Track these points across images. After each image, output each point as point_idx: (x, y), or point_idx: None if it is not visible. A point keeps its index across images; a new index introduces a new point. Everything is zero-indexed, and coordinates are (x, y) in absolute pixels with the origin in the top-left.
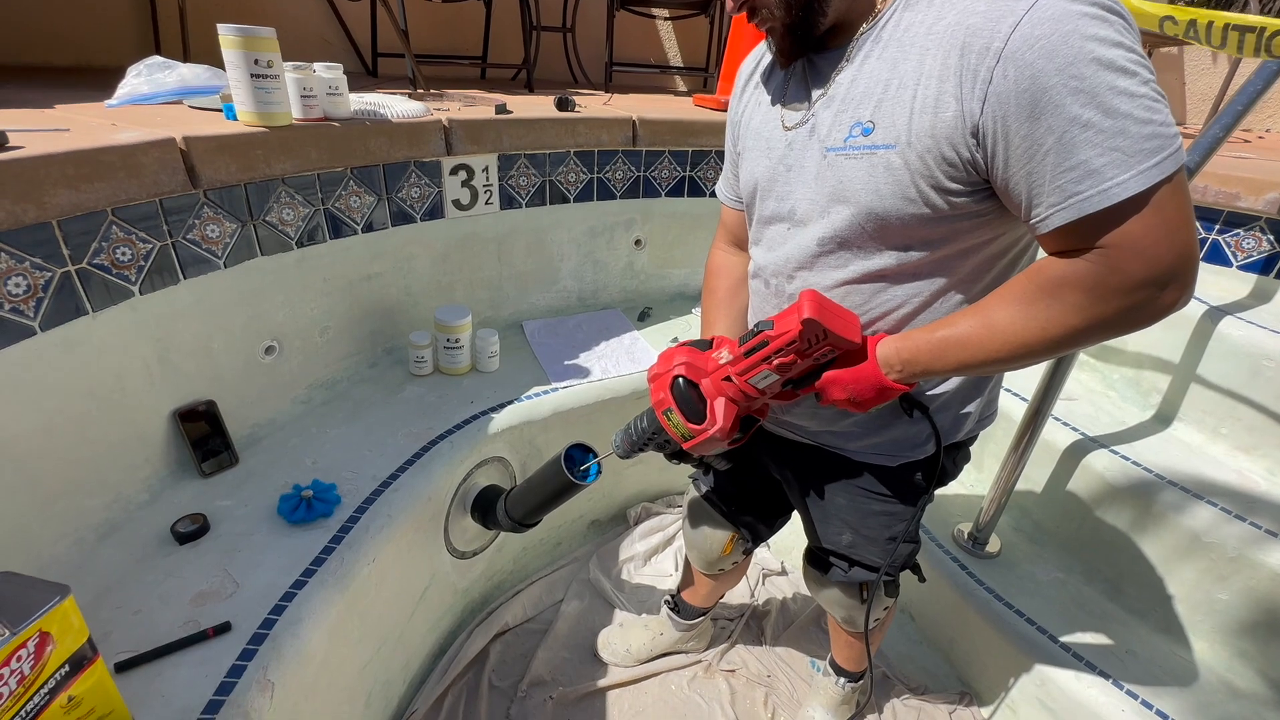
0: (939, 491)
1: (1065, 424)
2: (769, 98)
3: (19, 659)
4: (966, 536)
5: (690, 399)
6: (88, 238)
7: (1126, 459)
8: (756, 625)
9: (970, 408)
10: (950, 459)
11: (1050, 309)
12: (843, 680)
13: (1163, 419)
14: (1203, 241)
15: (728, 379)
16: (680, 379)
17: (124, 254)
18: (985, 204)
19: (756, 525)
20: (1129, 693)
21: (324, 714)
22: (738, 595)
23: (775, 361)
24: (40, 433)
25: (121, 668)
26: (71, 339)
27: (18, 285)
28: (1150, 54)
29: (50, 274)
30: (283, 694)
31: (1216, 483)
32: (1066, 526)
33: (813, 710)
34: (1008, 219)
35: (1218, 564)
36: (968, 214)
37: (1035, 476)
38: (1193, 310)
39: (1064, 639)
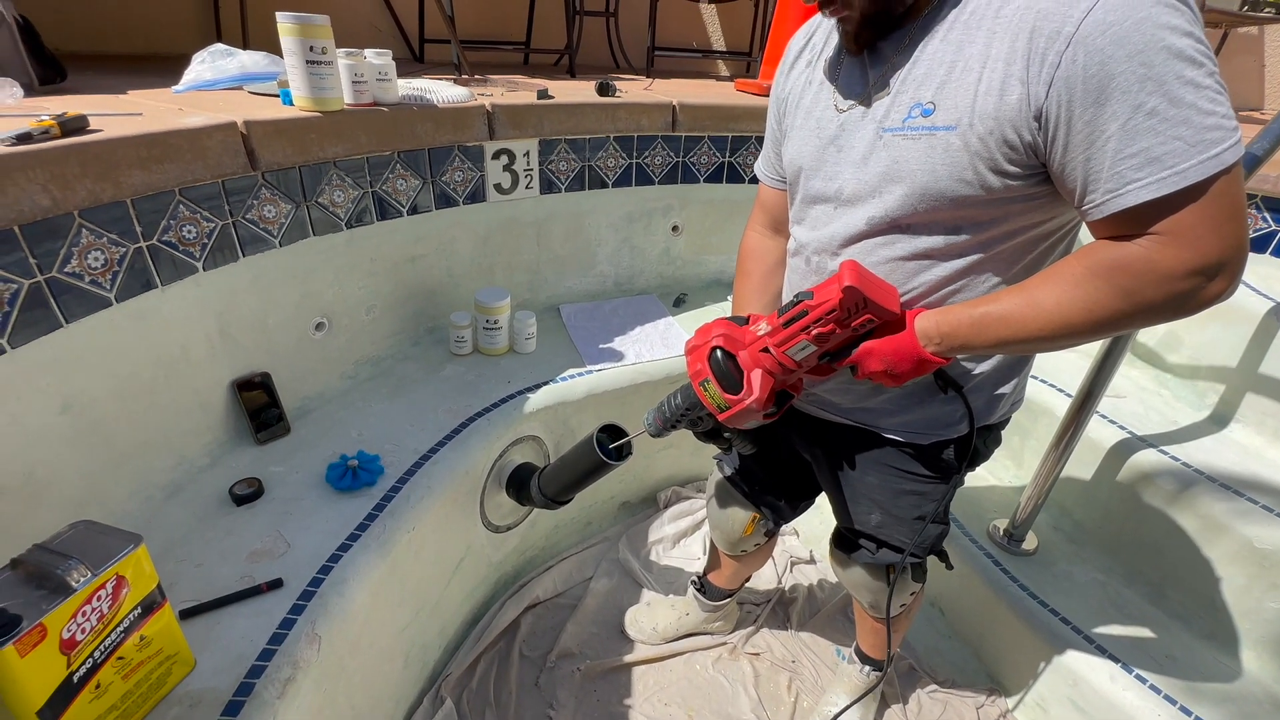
0: (974, 485)
1: (1112, 421)
2: (820, 76)
3: (99, 598)
4: (1002, 533)
5: (727, 370)
6: (157, 216)
7: (1176, 460)
8: (783, 611)
9: (1005, 389)
10: (982, 440)
11: (1099, 291)
12: (868, 668)
13: (1219, 420)
14: (1271, 235)
15: (765, 350)
16: (718, 350)
17: (190, 232)
18: (1039, 188)
19: (779, 507)
20: (1167, 697)
21: (366, 670)
22: (765, 581)
23: (814, 331)
24: (114, 397)
25: (185, 615)
26: (143, 310)
27: (96, 259)
28: (1227, 35)
29: (125, 249)
30: (329, 647)
31: (1275, 487)
32: (1108, 527)
33: (836, 696)
34: (1057, 203)
35: (1270, 571)
36: (1020, 197)
37: (1077, 474)
38: (1257, 306)
39: (1100, 640)
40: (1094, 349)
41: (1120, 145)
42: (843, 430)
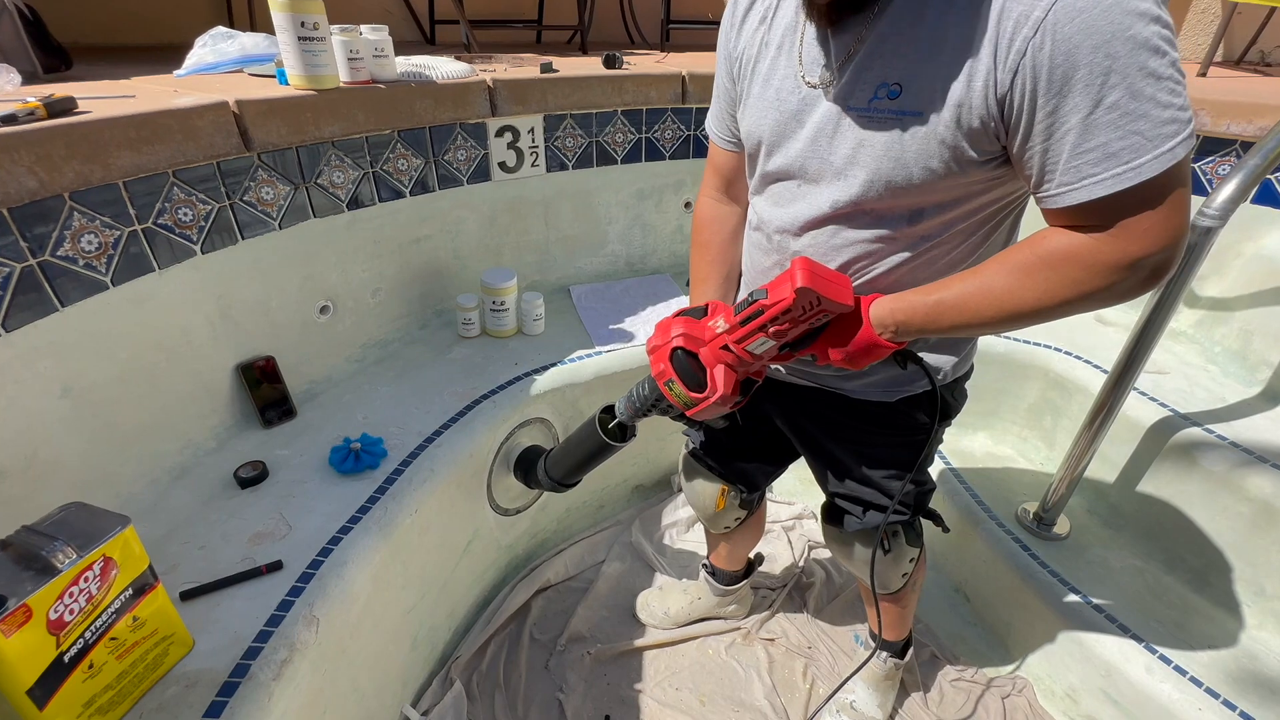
0: (1002, 467)
1: (1152, 399)
2: (777, 39)
3: (86, 580)
4: (1031, 517)
5: (690, 368)
6: (152, 198)
7: (1223, 439)
8: (799, 596)
9: (961, 349)
10: (950, 393)
11: (1049, 280)
12: (885, 653)
13: (1271, 396)
14: None
15: (725, 347)
16: (679, 349)
17: (185, 214)
18: (999, 170)
19: (749, 473)
20: (1209, 690)
21: (370, 651)
22: (781, 565)
23: (771, 329)
24: (116, 381)
25: (186, 596)
26: (140, 294)
27: (89, 242)
28: None
29: (119, 232)
30: (328, 629)
31: None
32: (1147, 510)
33: (853, 683)
34: (1016, 181)
35: None
36: (982, 179)
37: (1113, 455)
38: None
39: (1136, 629)
40: (1132, 320)
41: (1079, 139)
42: (811, 393)
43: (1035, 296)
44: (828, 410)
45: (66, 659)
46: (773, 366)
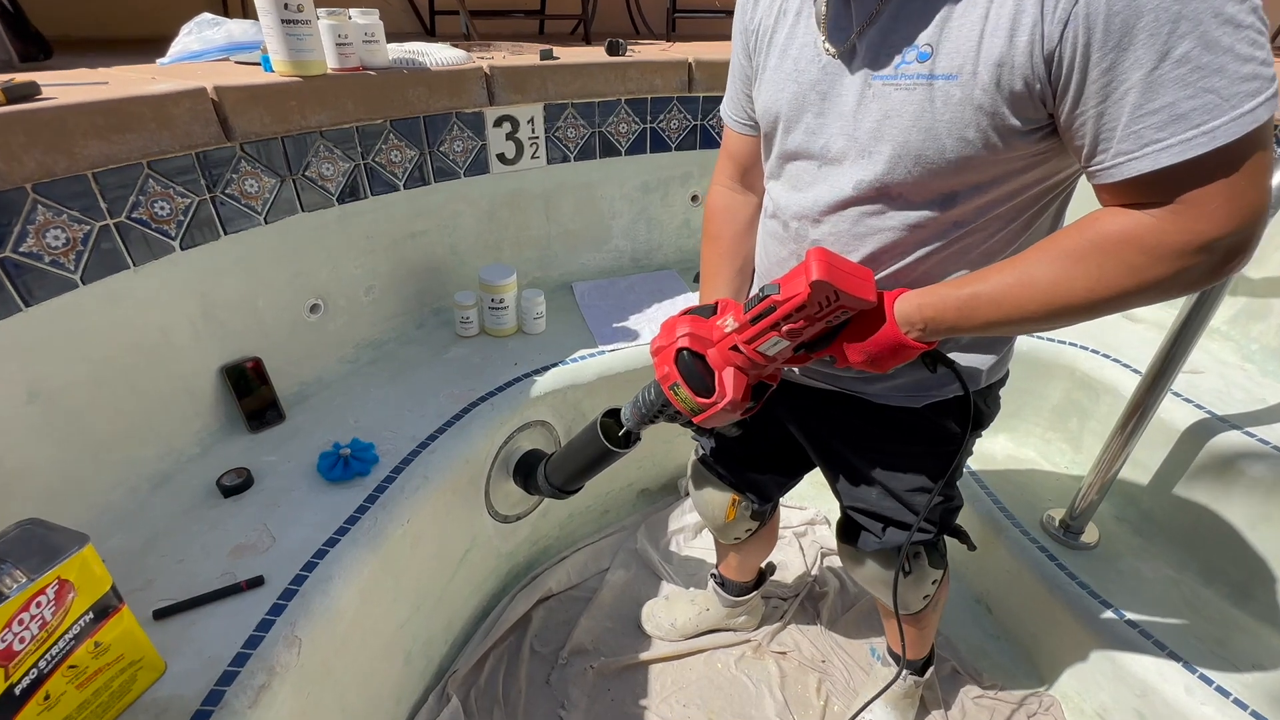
0: (1025, 471)
1: (1187, 400)
2: (795, 5)
3: (39, 605)
4: (1058, 524)
5: (696, 372)
6: (125, 191)
7: (1265, 442)
8: (813, 607)
9: (999, 348)
10: (983, 399)
11: (1102, 268)
12: (905, 671)
13: None
14: None
15: (735, 348)
16: (684, 351)
17: (162, 208)
18: (1045, 143)
19: (763, 483)
20: (1255, 714)
21: (358, 669)
22: (793, 574)
23: (784, 328)
24: (89, 384)
25: (159, 615)
26: (114, 292)
27: (56, 238)
28: None
29: (89, 227)
30: (311, 649)
31: None
32: (1182, 518)
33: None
34: (1064, 158)
35: None
36: (1025, 154)
37: (1146, 459)
38: None
39: (1173, 645)
40: (1164, 317)
41: (1141, 99)
42: (830, 397)
43: (1086, 286)
44: (847, 416)
45: (18, 691)
46: (787, 369)
